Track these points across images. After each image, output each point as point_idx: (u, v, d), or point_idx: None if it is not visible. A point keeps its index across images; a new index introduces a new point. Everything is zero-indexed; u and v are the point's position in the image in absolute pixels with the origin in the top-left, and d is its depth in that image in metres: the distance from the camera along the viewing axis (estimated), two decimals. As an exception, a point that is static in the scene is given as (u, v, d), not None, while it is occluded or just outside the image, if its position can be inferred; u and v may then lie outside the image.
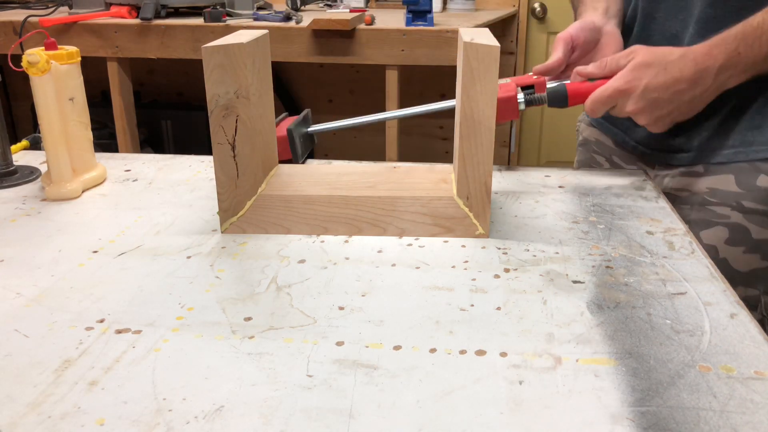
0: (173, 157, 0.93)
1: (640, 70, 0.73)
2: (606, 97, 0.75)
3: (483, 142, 0.63)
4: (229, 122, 0.64)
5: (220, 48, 0.62)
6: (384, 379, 0.45)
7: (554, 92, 0.80)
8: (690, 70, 0.72)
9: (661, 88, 0.73)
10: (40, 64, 0.73)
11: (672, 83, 0.72)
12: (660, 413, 0.41)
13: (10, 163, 0.84)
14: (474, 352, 0.48)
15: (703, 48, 0.73)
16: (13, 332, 0.50)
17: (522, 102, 0.82)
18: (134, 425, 0.40)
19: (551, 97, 0.80)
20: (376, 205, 0.67)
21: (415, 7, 1.82)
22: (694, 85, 0.73)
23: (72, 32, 1.95)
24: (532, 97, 0.82)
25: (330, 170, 0.74)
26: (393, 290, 0.57)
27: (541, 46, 2.81)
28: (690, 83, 0.72)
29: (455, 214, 0.66)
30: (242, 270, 0.60)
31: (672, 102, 0.73)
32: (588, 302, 0.54)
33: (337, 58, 1.88)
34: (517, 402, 0.42)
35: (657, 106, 0.74)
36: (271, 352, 0.48)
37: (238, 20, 1.98)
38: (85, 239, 0.67)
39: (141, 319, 0.52)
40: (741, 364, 0.46)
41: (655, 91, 0.73)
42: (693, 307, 0.53)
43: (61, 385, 0.44)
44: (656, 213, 0.73)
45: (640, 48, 0.75)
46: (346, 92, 2.80)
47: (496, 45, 0.60)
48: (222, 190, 0.66)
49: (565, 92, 0.80)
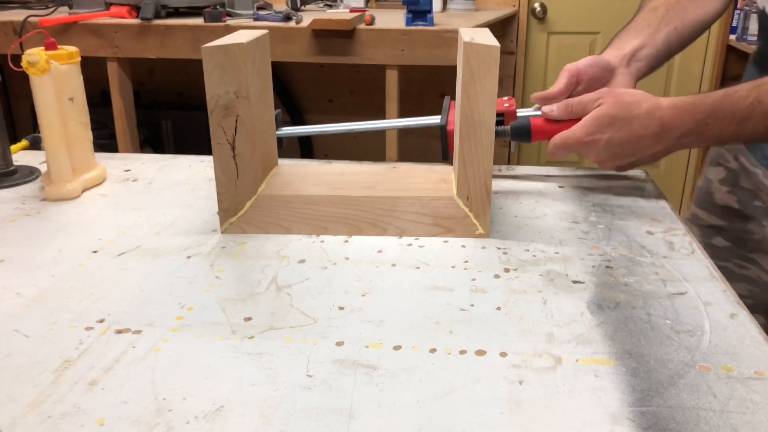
0: (173, 157, 0.93)
1: (603, 122, 0.72)
2: (569, 146, 0.74)
3: (483, 142, 0.63)
4: (229, 122, 0.64)
5: (220, 48, 0.62)
6: (384, 379, 0.45)
7: (518, 127, 0.77)
8: (655, 128, 0.71)
9: (624, 142, 0.72)
10: (40, 64, 0.73)
11: (635, 139, 0.72)
12: (660, 413, 0.41)
13: (10, 163, 0.84)
14: (474, 352, 0.48)
15: (672, 111, 0.71)
16: (13, 332, 0.50)
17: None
18: (134, 425, 0.40)
19: (514, 131, 0.77)
20: (376, 205, 0.67)
21: (415, 7, 1.82)
22: (656, 142, 0.72)
23: (72, 32, 1.95)
24: (496, 129, 0.76)
25: (330, 170, 0.74)
26: (393, 290, 0.57)
27: (541, 46, 2.81)
28: (653, 140, 0.72)
29: (455, 214, 0.66)
30: (242, 270, 0.60)
31: (634, 155, 0.73)
32: (588, 302, 0.54)
33: (337, 58, 1.88)
34: (517, 402, 0.42)
35: (619, 157, 0.74)
36: (271, 352, 0.48)
37: (238, 20, 1.98)
38: (85, 239, 0.67)
39: (141, 319, 0.52)
40: (741, 364, 0.46)
41: (618, 146, 0.72)
42: (693, 307, 0.53)
43: (61, 385, 0.44)
44: (656, 213, 0.73)
45: (608, 95, 0.74)
46: (346, 92, 2.80)
47: (496, 45, 0.60)
48: (222, 190, 0.66)
49: (529, 128, 0.77)
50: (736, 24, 2.62)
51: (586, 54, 3.30)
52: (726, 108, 0.70)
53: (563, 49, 2.81)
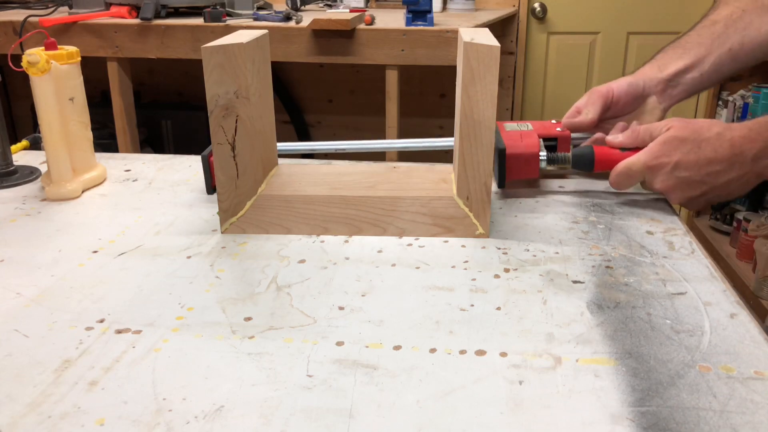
0: (173, 157, 0.93)
1: (671, 144, 0.68)
2: (633, 172, 0.70)
3: (483, 142, 0.63)
4: (229, 122, 0.64)
5: (220, 48, 0.62)
6: (384, 379, 0.45)
7: (580, 156, 0.74)
8: (725, 151, 0.66)
9: (693, 166, 0.67)
10: (40, 64, 0.73)
11: (705, 163, 0.67)
12: (660, 413, 0.41)
13: (10, 163, 0.84)
14: (474, 352, 0.48)
15: (742, 130, 0.66)
16: (13, 332, 0.50)
17: (544, 160, 0.74)
18: (134, 425, 0.40)
19: (576, 160, 0.74)
20: (376, 205, 0.67)
21: (415, 7, 1.82)
22: (730, 167, 0.66)
23: (72, 32, 1.95)
24: (555, 156, 0.75)
25: (330, 170, 0.74)
26: (393, 290, 0.57)
27: (541, 46, 2.81)
28: (725, 165, 0.66)
29: (455, 214, 0.66)
30: (242, 270, 0.60)
31: (705, 183, 0.67)
32: (588, 302, 0.54)
33: (337, 58, 1.88)
34: (517, 402, 0.42)
35: (688, 186, 0.68)
36: (271, 352, 0.48)
37: (238, 20, 1.98)
38: (85, 239, 0.67)
39: (141, 319, 0.52)
40: (741, 364, 0.46)
41: (687, 170, 0.67)
42: (693, 307, 0.53)
43: (61, 385, 0.44)
44: (656, 213, 0.73)
45: (676, 120, 0.70)
46: (346, 92, 2.80)
47: (496, 45, 0.60)
48: (222, 191, 0.66)
49: (593, 157, 0.73)
50: (736, 24, 2.61)
51: (586, 54, 3.31)
52: None
53: (563, 49, 2.81)
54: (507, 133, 0.77)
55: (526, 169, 0.74)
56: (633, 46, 2.79)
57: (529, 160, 0.74)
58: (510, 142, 0.74)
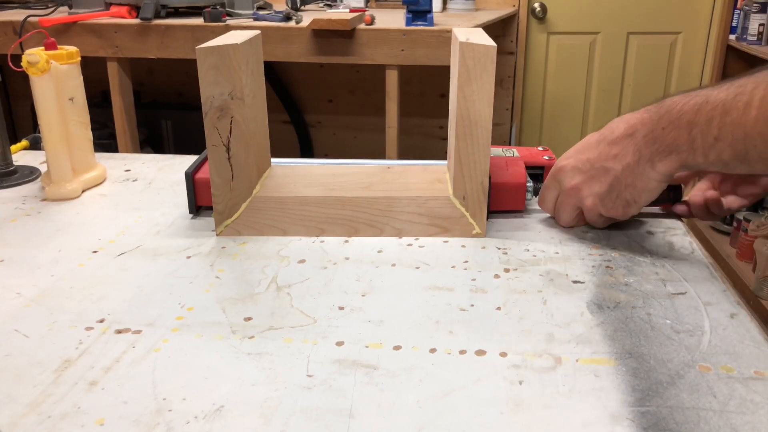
0: (173, 157, 0.93)
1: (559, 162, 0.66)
2: (544, 188, 0.68)
3: (479, 142, 0.63)
4: (224, 124, 0.64)
5: (215, 49, 0.61)
6: (384, 379, 0.45)
7: None
8: (621, 131, 0.61)
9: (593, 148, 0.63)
10: (40, 64, 0.73)
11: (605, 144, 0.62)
12: (660, 413, 0.41)
13: (10, 163, 0.84)
14: (474, 352, 0.48)
15: (642, 112, 0.60)
16: (13, 332, 0.50)
17: (530, 191, 0.71)
18: (134, 425, 0.40)
19: None
20: (373, 206, 0.67)
21: (415, 7, 1.82)
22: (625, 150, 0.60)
23: (72, 32, 1.95)
24: (538, 187, 0.72)
25: (325, 171, 0.74)
26: (393, 290, 0.57)
27: (540, 47, 2.81)
28: (620, 147, 0.60)
29: (452, 214, 0.66)
30: (242, 270, 0.60)
31: (608, 171, 0.61)
32: (588, 302, 0.54)
33: (337, 58, 1.88)
34: (517, 402, 0.42)
35: (594, 178, 0.63)
36: (271, 352, 0.48)
37: (238, 20, 1.98)
38: (85, 239, 0.67)
39: (141, 319, 0.52)
40: (741, 364, 0.46)
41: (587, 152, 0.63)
42: (693, 307, 0.53)
43: (61, 385, 0.44)
44: (656, 213, 0.73)
45: None
46: (346, 92, 2.80)
47: (492, 45, 0.60)
48: (217, 193, 0.66)
49: None
50: (736, 24, 2.62)
51: (586, 54, 3.31)
52: (676, 108, 0.57)
53: (563, 49, 2.81)
54: (491, 159, 0.69)
55: (511, 200, 0.70)
56: (633, 46, 2.79)
57: (514, 191, 0.70)
58: (495, 170, 0.70)
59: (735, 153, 0.52)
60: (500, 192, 0.69)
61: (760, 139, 0.50)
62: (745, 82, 0.52)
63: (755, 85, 0.51)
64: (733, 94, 0.52)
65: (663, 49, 2.79)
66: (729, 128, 0.52)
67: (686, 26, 2.75)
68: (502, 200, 0.70)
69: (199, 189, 0.70)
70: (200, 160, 0.72)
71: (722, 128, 0.52)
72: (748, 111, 0.50)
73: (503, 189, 0.69)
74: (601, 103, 2.87)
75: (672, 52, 2.79)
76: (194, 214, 0.72)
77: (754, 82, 0.51)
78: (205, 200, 0.70)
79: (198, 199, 0.70)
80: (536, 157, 0.75)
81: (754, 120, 0.50)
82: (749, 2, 2.50)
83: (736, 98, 0.52)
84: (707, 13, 2.72)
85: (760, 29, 2.45)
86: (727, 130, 0.52)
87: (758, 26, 2.45)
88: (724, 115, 0.52)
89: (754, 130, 0.50)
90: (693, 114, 0.55)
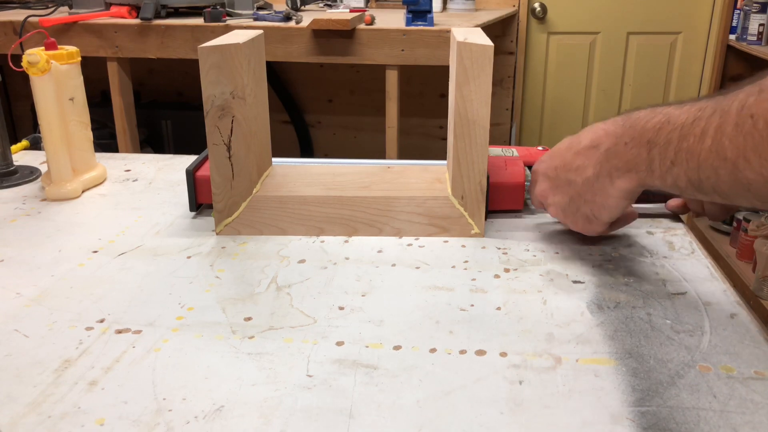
0: (173, 157, 0.93)
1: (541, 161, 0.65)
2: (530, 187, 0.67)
3: (478, 141, 0.63)
4: (225, 123, 0.64)
5: (217, 48, 0.62)
6: (384, 379, 0.45)
7: None
8: (586, 141, 0.59)
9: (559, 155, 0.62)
10: (40, 64, 0.73)
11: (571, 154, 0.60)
12: (660, 413, 0.41)
13: (10, 163, 0.84)
14: (474, 352, 0.48)
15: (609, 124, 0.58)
16: (13, 332, 0.50)
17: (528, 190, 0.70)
18: (134, 425, 0.40)
19: None
20: (372, 206, 0.67)
21: (415, 7, 1.82)
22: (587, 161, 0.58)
23: (72, 32, 1.95)
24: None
25: (324, 170, 0.74)
26: (393, 290, 0.57)
27: (540, 46, 2.81)
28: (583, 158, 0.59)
29: (450, 214, 0.66)
30: (242, 270, 0.60)
31: (571, 184, 0.60)
32: (588, 302, 0.54)
33: (337, 58, 1.88)
34: (517, 402, 0.42)
35: (558, 188, 0.62)
36: (271, 352, 0.48)
37: (238, 20, 1.98)
38: (85, 239, 0.67)
39: (141, 319, 0.52)
40: (741, 364, 0.46)
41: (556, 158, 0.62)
42: (693, 307, 0.53)
43: (61, 385, 0.44)
44: (656, 213, 0.72)
45: None
46: (346, 92, 2.79)
47: (490, 44, 0.60)
48: (217, 191, 0.66)
49: None
50: (736, 24, 2.62)
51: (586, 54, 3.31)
52: (639, 123, 0.54)
53: (563, 49, 2.81)
54: (490, 158, 0.72)
55: (510, 200, 0.70)
56: (633, 46, 2.79)
57: (513, 190, 0.70)
58: (494, 170, 0.70)
59: (689, 181, 0.50)
60: (499, 191, 0.69)
61: (712, 171, 0.47)
62: (706, 105, 0.48)
63: (713, 111, 0.47)
64: (692, 118, 0.49)
65: (663, 49, 2.79)
66: (684, 155, 0.49)
67: (686, 26, 2.75)
68: (501, 200, 0.70)
69: (199, 186, 0.70)
70: (201, 159, 0.73)
71: (678, 154, 0.50)
72: (703, 140, 0.47)
73: (502, 188, 0.69)
74: (600, 103, 2.87)
75: (672, 52, 2.79)
76: (195, 211, 0.72)
77: (713, 108, 0.48)
78: (206, 198, 0.70)
79: (198, 197, 0.70)
80: (536, 157, 0.75)
81: (708, 151, 0.47)
82: (749, 2, 2.50)
83: (694, 123, 0.48)
84: (707, 13, 2.72)
85: (760, 29, 2.45)
86: (683, 156, 0.49)
87: (758, 26, 2.45)
88: (681, 141, 0.49)
89: (707, 162, 0.47)
90: (654, 133, 0.52)
